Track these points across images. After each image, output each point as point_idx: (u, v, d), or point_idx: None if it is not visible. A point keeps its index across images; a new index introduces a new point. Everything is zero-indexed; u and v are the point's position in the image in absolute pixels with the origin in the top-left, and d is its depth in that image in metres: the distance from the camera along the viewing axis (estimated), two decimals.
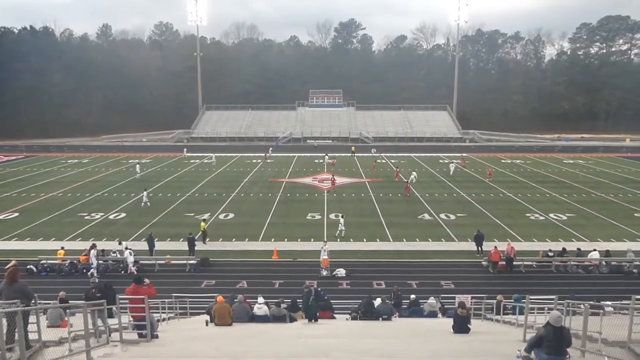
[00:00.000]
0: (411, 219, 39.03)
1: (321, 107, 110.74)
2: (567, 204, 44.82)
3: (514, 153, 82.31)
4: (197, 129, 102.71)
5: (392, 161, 71.03)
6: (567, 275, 28.10)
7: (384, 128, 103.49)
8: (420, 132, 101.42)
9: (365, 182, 55.21)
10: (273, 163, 69.00)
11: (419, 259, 30.11)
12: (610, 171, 63.50)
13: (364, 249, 31.85)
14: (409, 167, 65.20)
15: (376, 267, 28.66)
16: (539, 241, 33.79)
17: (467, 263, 29.60)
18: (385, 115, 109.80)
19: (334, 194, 48.23)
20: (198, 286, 26.29)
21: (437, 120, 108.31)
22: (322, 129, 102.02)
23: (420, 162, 71.00)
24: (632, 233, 35.83)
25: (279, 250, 30.96)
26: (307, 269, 28.32)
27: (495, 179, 56.38)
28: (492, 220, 38.96)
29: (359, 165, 67.76)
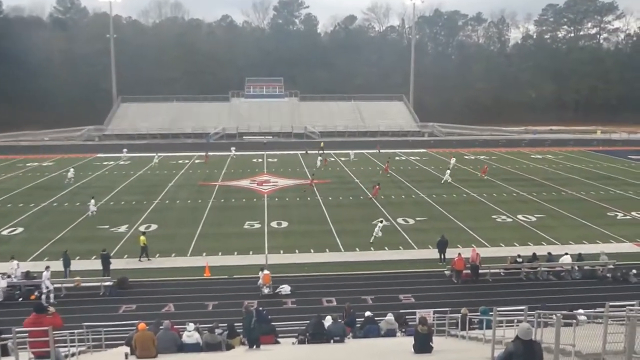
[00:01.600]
0: (365, 225, 39.39)
1: (259, 98, 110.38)
2: (536, 204, 46.50)
3: (477, 148, 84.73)
4: (111, 125, 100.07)
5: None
6: (538, 282, 29.15)
7: (332, 121, 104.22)
8: (373, 126, 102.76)
9: (312, 183, 55.35)
10: (203, 163, 68.18)
11: (374, 271, 30.44)
12: (581, 166, 66.43)
13: (311, 261, 31.89)
14: (361, 166, 65.91)
15: (326, 282, 28.76)
16: (506, 246, 34.87)
17: (429, 273, 30.18)
18: (333, 107, 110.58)
19: (276, 199, 48.16)
20: (115, 312, 25.57)
21: (392, 112, 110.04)
22: (260, 122, 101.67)
23: (373, 159, 71.92)
24: (604, 234, 37.59)
25: (212, 266, 30.56)
26: (245, 286, 28.09)
27: (458, 178, 57.83)
28: (455, 224, 39.94)
29: (303, 164, 67.91)
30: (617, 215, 42.83)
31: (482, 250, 32.33)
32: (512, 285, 28.65)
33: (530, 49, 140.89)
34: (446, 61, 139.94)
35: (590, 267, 30.23)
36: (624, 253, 33.42)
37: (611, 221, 41.03)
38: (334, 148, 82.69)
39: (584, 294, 27.28)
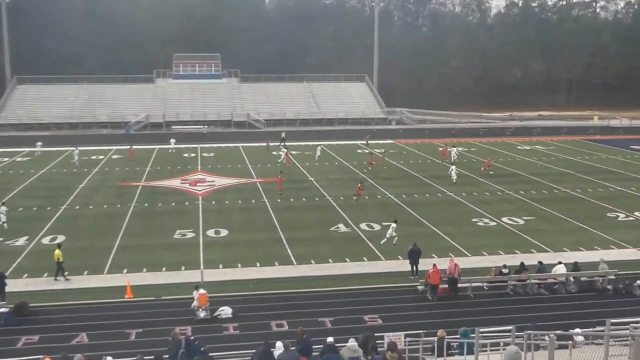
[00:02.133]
0: (322, 232, 39.46)
1: (191, 79, 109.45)
2: (523, 204, 47.45)
3: (454, 138, 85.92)
4: (4, 113, 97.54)
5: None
6: (527, 298, 29.70)
7: (281, 107, 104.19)
8: (330, 112, 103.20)
9: (257, 182, 55.19)
10: (124, 160, 67.11)
11: (334, 287, 30.50)
12: (576, 159, 68.13)
13: (257, 277, 31.76)
14: (317, 161, 66.06)
15: (275, 302, 28.66)
16: (490, 254, 35.41)
17: (398, 289, 30.40)
18: (281, 90, 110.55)
19: (213, 201, 47.81)
20: (13, 346, 24.91)
21: (352, 96, 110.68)
22: (192, 109, 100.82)
23: (331, 152, 72.22)
24: (604, 238, 38.61)
25: (135, 286, 30.10)
26: (177, 310, 27.76)
27: (431, 174, 58.57)
28: (429, 229, 40.39)
29: (246, 159, 67.63)
30: (619, 216, 44.06)
31: (462, 261, 32.69)
32: (497, 302, 29.12)
33: (515, 19, 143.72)
34: (416, 34, 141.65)
35: (588, 278, 30.95)
36: (626, 261, 34.33)
37: (612, 223, 42.17)
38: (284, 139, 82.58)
39: (581, 310, 27.93)
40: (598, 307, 28.08)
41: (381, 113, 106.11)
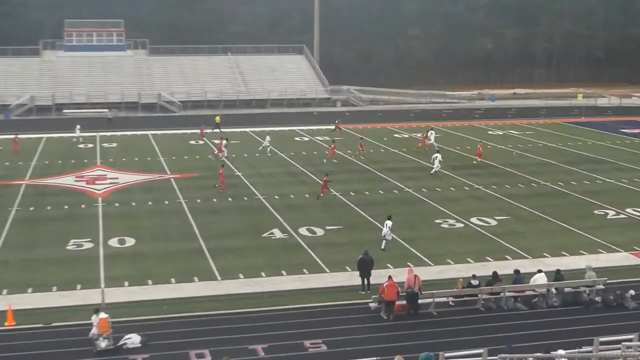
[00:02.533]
0: (252, 240, 39.33)
1: (87, 51, 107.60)
2: (496, 201, 48.13)
3: (412, 122, 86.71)
4: None
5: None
6: (502, 314, 30.07)
7: (201, 85, 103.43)
8: (261, 92, 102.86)
9: (171, 179, 54.66)
10: (5, 152, 65.63)
11: (267, 307, 30.36)
12: (557, 146, 69.49)
13: (172, 297, 31.43)
14: (245, 151, 65.73)
15: (195, 326, 28.38)
16: (456, 263, 35.79)
17: (347, 307, 30.42)
18: (201, 64, 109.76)
19: (116, 204, 47.16)
20: None
21: (288, 71, 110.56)
22: (89, 88, 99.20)
23: (261, 140, 71.91)
24: (591, 241, 39.46)
25: (18, 310, 29.42)
26: (71, 339, 27.26)
27: (385, 166, 58.96)
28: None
29: (158, 151, 66.93)
30: (608, 213, 45.13)
31: (423, 271, 32.89)
32: (465, 320, 29.38)
33: None
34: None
35: (573, 289, 31.50)
36: (617, 267, 35.18)
37: (600, 222, 43.15)
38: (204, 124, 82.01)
39: (565, 327, 28.41)
40: (585, 323, 28.63)
41: (324, 92, 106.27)
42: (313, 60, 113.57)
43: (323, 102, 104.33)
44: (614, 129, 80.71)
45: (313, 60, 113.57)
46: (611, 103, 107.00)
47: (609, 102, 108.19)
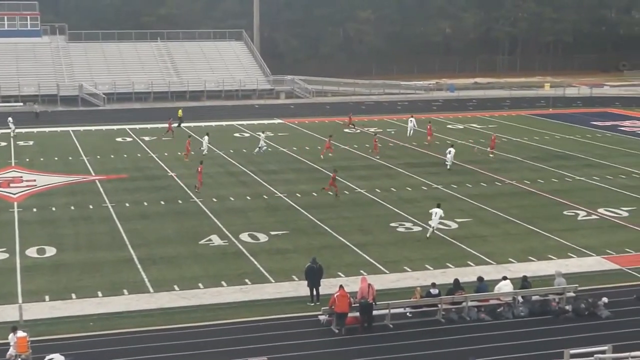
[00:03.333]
0: (188, 248, 39.22)
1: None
2: (457, 201, 48.65)
3: (364, 115, 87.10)
4: None
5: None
6: (464, 325, 30.40)
7: (127, 76, 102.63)
8: (195, 82, 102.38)
9: (96, 181, 54.24)
10: None
11: (206, 322, 30.33)
12: (523, 140, 70.42)
13: (99, 312, 31.19)
14: (179, 148, 65.47)
15: (125, 344, 28.24)
16: (414, 270, 36.06)
17: (294, 320, 30.49)
18: (127, 52, 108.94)
19: (34, 209, 46.67)
20: None
21: (225, 60, 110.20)
22: (0, 80, 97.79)
23: (198, 137, 71.73)
24: (561, 244, 40.10)
25: None
26: None
27: (336, 165, 58.99)
28: (333, 239, 40.82)
29: (81, 150, 66.31)
30: (579, 214, 45.91)
31: (377, 280, 33.15)
32: (424, 333, 29.61)
33: None
34: None
35: (541, 297, 31.96)
36: (589, 273, 35.82)
37: (570, 224, 43.88)
38: (133, 119, 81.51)
39: (532, 338, 28.79)
40: (554, 334, 29.06)
41: (265, 83, 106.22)
42: (253, 47, 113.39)
43: (265, 94, 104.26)
44: (584, 121, 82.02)
45: (253, 47, 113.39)
46: (581, 93, 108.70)
47: (579, 92, 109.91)
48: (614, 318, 30.51)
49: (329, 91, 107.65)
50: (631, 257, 38.17)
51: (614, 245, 39.66)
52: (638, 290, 33.21)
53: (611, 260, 37.66)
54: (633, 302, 32.23)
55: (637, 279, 35.13)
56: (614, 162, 60.62)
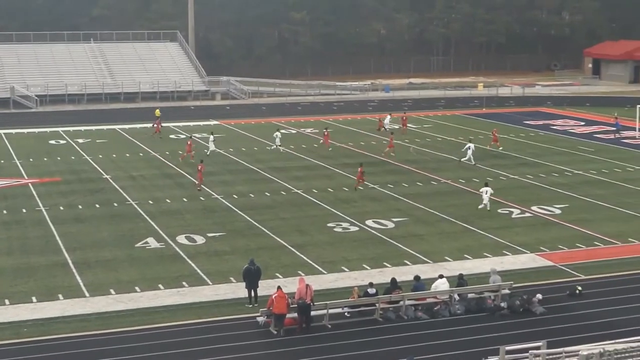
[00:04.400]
0: (124, 251, 38.90)
1: None
2: (393, 201, 49.00)
3: (301, 116, 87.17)
4: None
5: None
6: (402, 324, 30.59)
7: (60, 77, 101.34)
8: (130, 84, 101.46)
9: (29, 184, 53.54)
10: None
11: (143, 325, 30.09)
12: (458, 140, 71.07)
13: (33, 318, 30.73)
14: (115, 150, 64.86)
15: (61, 350, 27.86)
16: (351, 270, 36.22)
17: (232, 322, 30.42)
18: (59, 53, 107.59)
19: None
20: None
21: (160, 61, 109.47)
22: None
23: (134, 140, 71.28)
24: (496, 242, 40.64)
25: None
26: None
27: (271, 165, 59.18)
28: (271, 240, 40.85)
29: (12, 152, 65.36)
30: (513, 212, 46.57)
31: (315, 280, 33.23)
32: (362, 332, 29.72)
33: None
34: None
35: (477, 295, 32.34)
36: (524, 270, 36.36)
37: (505, 222, 44.49)
38: (70, 122, 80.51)
39: (469, 336, 29.10)
40: (490, 331, 29.43)
41: (201, 84, 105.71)
42: (188, 48, 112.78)
43: (200, 95, 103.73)
44: (517, 120, 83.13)
45: (188, 48, 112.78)
46: (513, 93, 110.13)
47: (512, 91, 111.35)
48: (548, 314, 31.02)
49: (265, 92, 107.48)
50: (564, 253, 38.87)
51: (547, 242, 40.34)
52: (571, 286, 33.77)
53: (544, 257, 38.29)
54: (566, 298, 32.83)
55: (570, 275, 35.77)
56: (546, 160, 61.58)
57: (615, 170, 57.11)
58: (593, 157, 61.32)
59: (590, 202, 48.75)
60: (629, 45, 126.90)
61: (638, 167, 58.78)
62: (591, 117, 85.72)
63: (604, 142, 69.42)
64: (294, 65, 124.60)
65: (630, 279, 35.36)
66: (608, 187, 52.59)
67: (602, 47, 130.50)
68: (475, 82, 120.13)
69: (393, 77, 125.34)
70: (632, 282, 34.94)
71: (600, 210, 47.11)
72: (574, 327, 29.37)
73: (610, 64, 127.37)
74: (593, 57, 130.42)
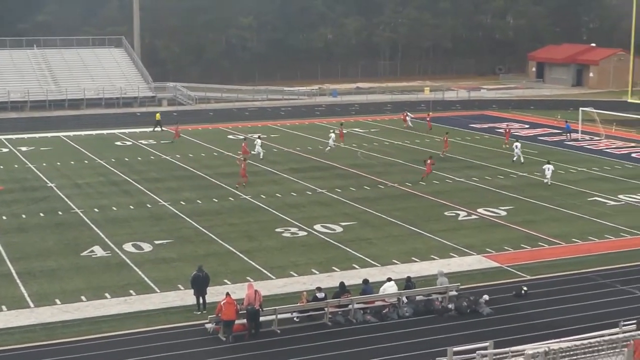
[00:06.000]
0: (69, 260, 38.52)
1: None
2: (341, 205, 49.18)
3: (248, 121, 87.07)
4: None
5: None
6: (351, 328, 30.75)
7: (3, 84, 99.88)
8: (74, 91, 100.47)
9: None
10: None
11: (90, 336, 29.87)
12: (405, 144, 71.57)
13: None
14: (58, 158, 64.24)
15: None
16: (300, 275, 36.34)
17: (181, 330, 30.35)
18: (2, 60, 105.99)
19: None
20: None
21: (105, 67, 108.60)
22: None
23: (79, 147, 70.60)
24: (443, 244, 41.04)
25: None
26: None
27: (219, 171, 59.05)
28: (219, 246, 40.80)
29: None
30: (459, 214, 47.00)
31: (264, 286, 33.31)
32: (312, 337, 29.82)
33: None
34: None
35: (425, 297, 32.65)
36: (471, 271, 36.82)
37: (451, 224, 44.89)
38: (10, 130, 79.54)
39: (417, 338, 29.39)
40: (438, 333, 29.77)
41: (147, 90, 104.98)
42: (134, 54, 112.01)
43: (147, 101, 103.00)
44: (462, 124, 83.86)
45: (134, 54, 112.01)
46: (460, 96, 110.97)
47: (457, 95, 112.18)
48: (495, 315, 31.54)
49: (212, 97, 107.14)
50: (510, 254, 39.45)
51: (493, 244, 40.88)
52: (517, 286, 34.29)
53: (491, 259, 38.81)
54: (512, 299, 33.37)
55: (516, 276, 36.33)
56: (492, 163, 62.24)
57: (558, 172, 57.83)
58: (537, 159, 61.92)
59: (535, 204, 49.41)
60: (571, 49, 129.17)
61: (581, 169, 59.74)
62: (535, 119, 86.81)
63: (548, 145, 70.35)
64: (242, 70, 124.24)
65: (574, 278, 36.07)
66: (552, 189, 53.26)
67: (545, 51, 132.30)
68: (421, 86, 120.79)
69: (341, 81, 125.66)
70: (575, 281, 35.65)
71: (545, 211, 47.80)
72: (520, 327, 29.87)
73: (554, 67, 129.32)
74: (537, 61, 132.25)
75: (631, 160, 63.63)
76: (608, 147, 68.61)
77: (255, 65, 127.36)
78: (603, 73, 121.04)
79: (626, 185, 54.65)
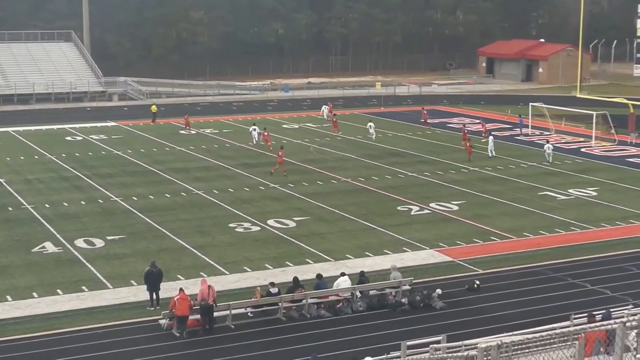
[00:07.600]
0: (20, 256, 38.16)
1: None
2: (294, 201, 49.21)
3: (200, 117, 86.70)
4: None
5: None
6: (305, 323, 30.87)
7: None
8: (23, 85, 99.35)
9: None
10: None
11: (41, 332, 29.65)
12: (357, 139, 71.77)
13: None
14: (9, 153, 63.49)
15: None
16: (254, 270, 36.37)
17: (134, 326, 30.22)
18: None
19: None
20: None
21: (54, 61, 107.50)
22: None
23: (28, 142, 69.82)
24: (396, 239, 41.23)
25: None
26: None
27: (170, 166, 58.73)
28: (172, 241, 40.67)
29: None
30: (412, 209, 47.23)
31: (217, 281, 33.26)
32: (266, 332, 29.92)
33: None
34: None
35: (378, 292, 32.85)
36: (423, 266, 37.11)
37: (404, 219, 45.14)
38: None
39: (371, 332, 29.60)
40: (392, 327, 30.00)
41: (97, 85, 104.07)
42: (83, 48, 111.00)
43: (97, 96, 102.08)
44: (414, 119, 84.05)
45: (83, 48, 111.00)
46: (411, 92, 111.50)
47: (409, 90, 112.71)
48: (448, 309, 31.85)
49: (163, 92, 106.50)
50: (462, 249, 39.78)
51: (445, 238, 41.17)
52: (469, 280, 34.64)
53: (443, 253, 39.10)
54: (465, 293, 33.71)
55: (468, 270, 36.72)
56: (443, 158, 62.55)
57: (509, 166, 58.46)
58: (488, 154, 62.40)
59: (486, 198, 49.80)
60: (521, 44, 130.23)
61: (531, 164, 60.24)
62: (486, 114, 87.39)
63: (498, 140, 70.87)
64: (193, 65, 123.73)
65: (526, 272, 36.53)
66: (503, 183, 53.81)
67: (495, 47, 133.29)
68: (373, 82, 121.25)
69: (292, 77, 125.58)
70: (527, 275, 36.10)
71: (496, 205, 48.25)
72: (473, 321, 30.20)
73: (504, 62, 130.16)
74: (487, 56, 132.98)
75: (580, 155, 64.40)
76: (558, 142, 69.32)
77: (207, 60, 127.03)
78: (552, 68, 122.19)
79: (576, 179, 55.32)
